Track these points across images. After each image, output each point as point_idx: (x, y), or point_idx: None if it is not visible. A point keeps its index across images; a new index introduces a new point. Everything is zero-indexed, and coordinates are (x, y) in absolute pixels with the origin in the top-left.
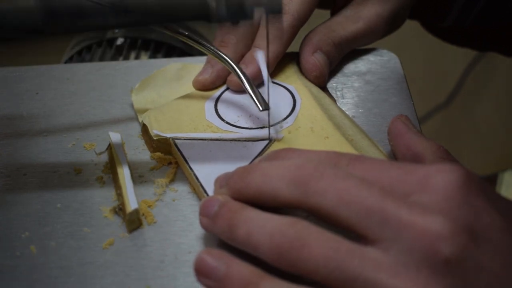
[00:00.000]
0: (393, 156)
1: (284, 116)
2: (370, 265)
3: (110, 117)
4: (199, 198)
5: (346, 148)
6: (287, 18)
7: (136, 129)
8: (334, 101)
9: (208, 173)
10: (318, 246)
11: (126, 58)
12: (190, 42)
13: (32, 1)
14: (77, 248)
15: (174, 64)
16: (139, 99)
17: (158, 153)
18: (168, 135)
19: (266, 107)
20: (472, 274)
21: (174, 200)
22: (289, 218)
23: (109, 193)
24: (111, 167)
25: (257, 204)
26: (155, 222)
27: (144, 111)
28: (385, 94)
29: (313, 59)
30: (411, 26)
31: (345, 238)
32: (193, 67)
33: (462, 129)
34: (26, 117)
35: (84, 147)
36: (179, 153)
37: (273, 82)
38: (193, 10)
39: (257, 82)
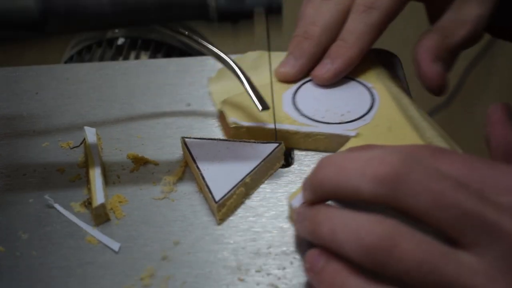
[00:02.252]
0: (486, 143)
1: (362, 114)
2: (466, 270)
3: (110, 117)
4: (205, 197)
5: None
6: (376, 14)
7: (135, 129)
8: (414, 101)
9: (214, 172)
10: (410, 247)
11: (126, 58)
12: (190, 42)
13: (32, 0)
14: (77, 248)
15: (251, 53)
16: (216, 88)
17: (133, 153)
18: (244, 123)
19: (265, 107)
20: None
21: (173, 200)
22: (375, 215)
23: (109, 193)
24: (85, 162)
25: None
26: (124, 216)
27: (221, 99)
28: None
29: (436, 68)
30: (411, 26)
31: (435, 238)
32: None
33: (462, 129)
34: (26, 117)
35: (62, 146)
36: (188, 151)
37: (353, 79)
38: (192, 9)
39: (340, 77)
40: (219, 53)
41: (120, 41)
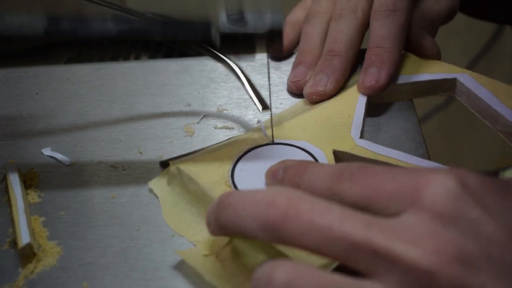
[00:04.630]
0: None
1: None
2: None
3: (110, 117)
4: None
5: None
6: (401, 15)
7: (135, 129)
8: None
9: None
10: None
11: (126, 58)
12: (190, 44)
13: (37, 12)
14: (77, 248)
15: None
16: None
17: None
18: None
19: (266, 107)
20: None
21: None
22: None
23: (110, 192)
24: (8, 198)
25: None
26: (59, 254)
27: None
28: None
29: (429, 39)
30: None
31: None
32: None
33: (462, 129)
34: (26, 117)
35: None
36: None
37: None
38: (196, 30)
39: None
40: (218, 53)
41: None
